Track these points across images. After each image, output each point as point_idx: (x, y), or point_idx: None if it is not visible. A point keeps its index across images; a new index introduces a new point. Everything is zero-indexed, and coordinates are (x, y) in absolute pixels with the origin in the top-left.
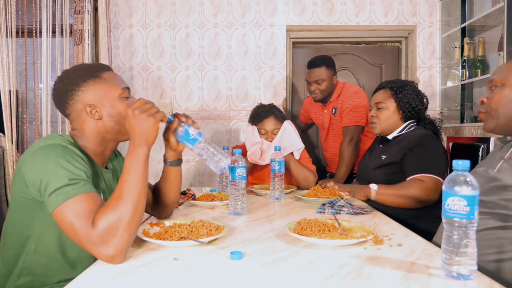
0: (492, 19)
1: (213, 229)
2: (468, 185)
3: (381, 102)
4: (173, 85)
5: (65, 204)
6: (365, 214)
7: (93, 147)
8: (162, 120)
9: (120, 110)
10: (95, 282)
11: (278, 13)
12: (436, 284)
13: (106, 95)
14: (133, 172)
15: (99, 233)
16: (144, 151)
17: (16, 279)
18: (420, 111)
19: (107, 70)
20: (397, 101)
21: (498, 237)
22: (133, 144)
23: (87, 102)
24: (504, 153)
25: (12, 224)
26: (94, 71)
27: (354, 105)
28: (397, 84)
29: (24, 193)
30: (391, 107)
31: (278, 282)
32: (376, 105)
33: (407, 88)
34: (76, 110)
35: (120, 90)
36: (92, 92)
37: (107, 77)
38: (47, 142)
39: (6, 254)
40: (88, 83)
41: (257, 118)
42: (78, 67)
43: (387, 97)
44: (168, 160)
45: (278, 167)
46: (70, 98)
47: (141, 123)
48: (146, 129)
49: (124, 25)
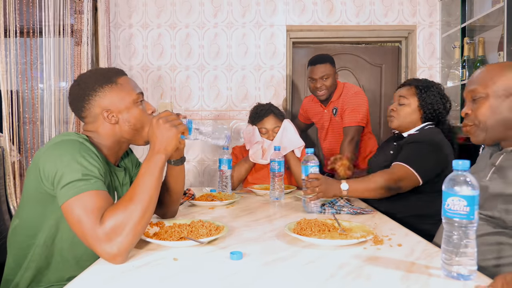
0: (492, 19)
1: (213, 229)
2: (468, 185)
3: (404, 97)
4: (173, 85)
5: (75, 198)
6: (365, 214)
7: (107, 147)
8: (184, 133)
9: (135, 115)
10: (95, 282)
11: (278, 13)
12: (436, 284)
13: (123, 100)
14: (148, 177)
15: (105, 230)
16: (162, 158)
17: (24, 271)
18: (441, 114)
19: (122, 75)
20: (420, 100)
21: (498, 242)
22: (153, 150)
23: (104, 107)
24: (494, 160)
25: (23, 218)
26: (110, 76)
27: (355, 105)
28: (423, 83)
29: (38, 187)
30: (413, 105)
31: (278, 282)
32: (398, 99)
33: (433, 90)
34: (92, 114)
35: (135, 95)
36: (109, 98)
37: (122, 82)
38: (64, 138)
39: (16, 247)
40: (105, 88)
41: (257, 118)
42: (94, 72)
43: (411, 94)
44: (173, 160)
45: (278, 167)
46: (86, 102)
47: (164, 132)
48: (168, 138)
49: (124, 25)
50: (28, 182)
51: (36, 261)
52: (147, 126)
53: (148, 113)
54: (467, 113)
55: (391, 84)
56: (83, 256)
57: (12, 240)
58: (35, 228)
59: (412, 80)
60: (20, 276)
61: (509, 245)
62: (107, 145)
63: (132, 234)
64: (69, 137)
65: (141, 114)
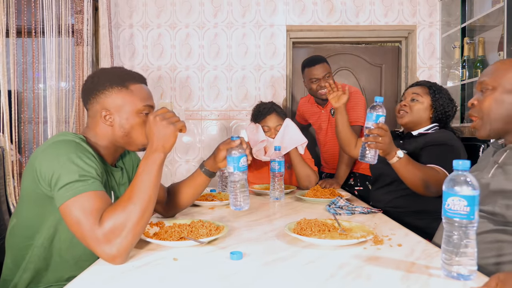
0: (492, 19)
1: (213, 229)
2: (468, 185)
3: (418, 94)
4: (173, 85)
5: (73, 199)
6: (365, 214)
7: (103, 147)
8: (182, 130)
9: (133, 124)
10: (94, 282)
11: (278, 13)
12: (436, 284)
13: (125, 106)
14: (146, 176)
15: (104, 231)
16: (160, 156)
17: (23, 272)
18: (449, 118)
19: (139, 82)
20: (433, 100)
21: (498, 240)
22: (151, 149)
23: (105, 106)
24: (498, 158)
25: (21, 218)
26: (125, 80)
27: (354, 104)
28: (435, 85)
29: (35, 187)
30: (425, 103)
31: (278, 282)
32: (411, 96)
33: (444, 92)
34: (94, 109)
35: (141, 106)
36: (113, 99)
37: (134, 89)
38: (60, 138)
39: (14, 248)
40: (114, 89)
41: (260, 116)
42: (114, 70)
43: (424, 92)
44: (206, 168)
45: (278, 167)
46: (93, 96)
47: (161, 129)
48: (165, 135)
49: (124, 25)
50: (25, 183)
51: (34, 262)
52: (142, 136)
53: None
54: (473, 103)
55: (391, 84)
56: (82, 256)
57: (10, 241)
58: (33, 229)
59: (424, 81)
60: (19, 277)
61: (509, 242)
62: (103, 146)
63: (131, 234)
64: (65, 138)
65: (139, 124)
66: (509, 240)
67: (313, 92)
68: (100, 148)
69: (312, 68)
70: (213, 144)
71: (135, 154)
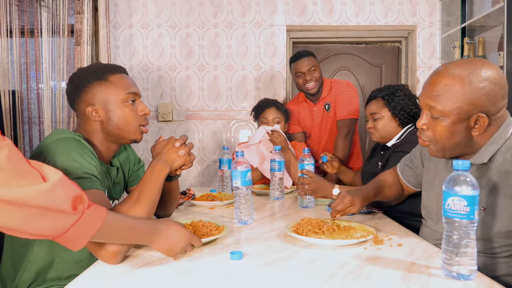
0: (492, 19)
1: (213, 229)
2: (468, 185)
3: (376, 112)
4: (173, 85)
5: None
6: (365, 214)
7: (95, 145)
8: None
9: (120, 114)
10: (94, 282)
11: (278, 13)
12: (436, 284)
13: (108, 98)
14: (154, 183)
15: None
16: (166, 171)
17: (22, 272)
18: (416, 114)
19: (118, 72)
20: (391, 109)
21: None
22: (160, 160)
23: (89, 103)
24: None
25: None
26: (103, 73)
27: (349, 97)
28: (387, 91)
29: None
30: (386, 116)
31: (278, 282)
32: (371, 116)
33: (399, 94)
34: (80, 109)
35: (124, 95)
36: (95, 94)
37: (114, 80)
38: (60, 136)
39: (12, 247)
40: (93, 84)
41: (260, 109)
42: (91, 66)
43: (380, 107)
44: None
45: (278, 167)
46: (76, 96)
47: (175, 154)
48: (175, 158)
49: (124, 25)
50: None
51: (34, 262)
52: (132, 126)
53: (139, 114)
54: (423, 128)
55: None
56: (82, 256)
57: (8, 240)
58: None
59: (375, 92)
60: (19, 277)
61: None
62: (95, 143)
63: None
64: (64, 135)
65: (127, 114)
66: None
67: (300, 86)
68: (94, 146)
69: (297, 62)
70: (213, 144)
71: (131, 151)
